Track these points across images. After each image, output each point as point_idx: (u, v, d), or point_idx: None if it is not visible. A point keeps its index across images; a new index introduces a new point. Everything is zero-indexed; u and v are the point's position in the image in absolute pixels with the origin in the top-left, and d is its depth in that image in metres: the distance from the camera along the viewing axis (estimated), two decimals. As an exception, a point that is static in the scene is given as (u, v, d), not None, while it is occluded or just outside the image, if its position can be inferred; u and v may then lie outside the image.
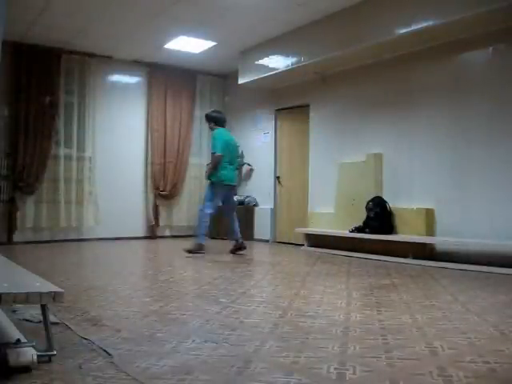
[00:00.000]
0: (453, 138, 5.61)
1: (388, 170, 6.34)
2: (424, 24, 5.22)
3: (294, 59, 6.93)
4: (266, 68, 7.45)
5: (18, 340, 2.09)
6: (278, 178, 8.24)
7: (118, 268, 5.34)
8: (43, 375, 1.92)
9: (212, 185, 6.06)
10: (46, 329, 2.11)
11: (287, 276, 4.73)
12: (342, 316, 2.98)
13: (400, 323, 2.82)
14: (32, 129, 7.47)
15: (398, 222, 6.02)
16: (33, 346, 2.05)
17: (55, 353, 2.08)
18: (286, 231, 7.91)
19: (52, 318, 2.41)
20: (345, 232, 6.40)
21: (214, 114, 6.41)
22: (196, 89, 9.11)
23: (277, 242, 8.06)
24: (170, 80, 8.75)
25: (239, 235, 6.24)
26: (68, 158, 7.87)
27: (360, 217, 6.24)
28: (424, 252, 5.61)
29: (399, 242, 5.74)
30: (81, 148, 8.00)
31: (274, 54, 7.33)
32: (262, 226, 8.19)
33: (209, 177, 6.09)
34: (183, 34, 7.14)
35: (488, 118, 5.28)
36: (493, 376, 1.99)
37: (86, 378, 1.90)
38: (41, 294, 2.04)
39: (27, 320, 2.71)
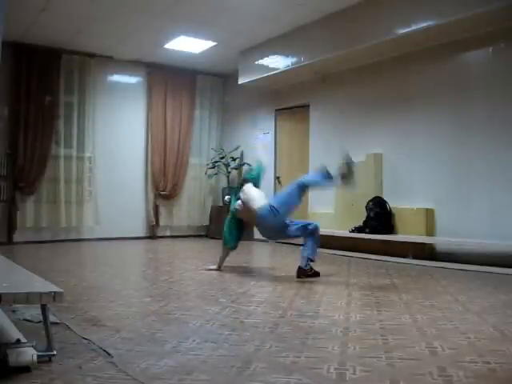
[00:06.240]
0: (453, 138, 5.61)
1: (388, 170, 6.33)
2: (424, 24, 5.22)
3: (293, 59, 6.93)
4: (265, 68, 7.45)
5: (18, 340, 2.09)
6: (277, 178, 8.24)
7: (118, 268, 5.33)
8: (43, 375, 1.92)
9: None
10: (46, 329, 2.11)
11: (287, 276, 4.73)
12: (342, 316, 2.98)
13: (400, 323, 2.82)
14: (32, 129, 7.47)
15: (398, 221, 6.02)
16: (33, 346, 2.06)
17: (55, 353, 2.09)
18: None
19: (52, 318, 2.41)
20: (345, 232, 6.40)
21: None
22: (196, 89, 9.11)
23: (277, 242, 8.05)
24: (169, 80, 8.76)
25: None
26: (68, 158, 7.88)
27: (360, 217, 6.24)
28: (424, 252, 5.61)
29: (399, 241, 5.74)
30: (81, 148, 8.00)
31: (273, 54, 7.33)
32: (261, 226, 8.16)
33: None
34: (183, 34, 7.14)
35: (488, 117, 5.28)
36: (493, 376, 1.99)
37: (86, 378, 1.90)
38: (41, 294, 2.04)
39: (27, 320, 2.71)
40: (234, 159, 8.75)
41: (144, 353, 2.22)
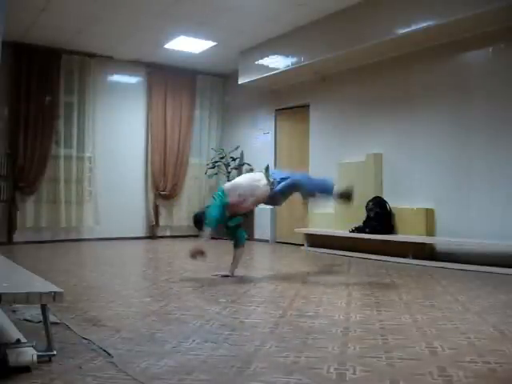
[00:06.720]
0: (453, 137, 5.61)
1: (388, 170, 6.33)
2: (424, 24, 5.22)
3: (293, 59, 6.93)
4: (265, 68, 7.45)
5: (18, 340, 2.09)
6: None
7: (118, 268, 5.33)
8: (43, 375, 1.92)
9: None
10: (46, 329, 2.11)
11: (287, 276, 4.73)
12: (342, 316, 2.98)
13: (400, 323, 2.81)
14: (32, 129, 7.47)
15: (398, 221, 6.02)
16: (33, 346, 2.05)
17: (55, 353, 2.08)
18: (286, 231, 7.91)
19: (52, 318, 2.41)
20: (345, 232, 6.40)
21: None
22: (196, 89, 9.11)
23: (277, 242, 8.06)
24: (169, 80, 8.76)
25: None
26: (68, 158, 7.88)
27: (360, 217, 6.24)
28: (424, 252, 5.61)
29: (399, 241, 5.74)
30: (81, 148, 8.00)
31: (273, 54, 7.33)
32: (262, 226, 8.18)
33: None
34: (183, 34, 7.14)
35: (488, 117, 5.28)
36: (493, 376, 1.99)
37: (86, 378, 1.90)
38: (41, 294, 2.04)
39: (27, 320, 2.71)
40: (233, 159, 8.75)
41: (144, 353, 2.22)
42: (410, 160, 6.08)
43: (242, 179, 4.53)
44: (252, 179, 4.47)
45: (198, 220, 4.47)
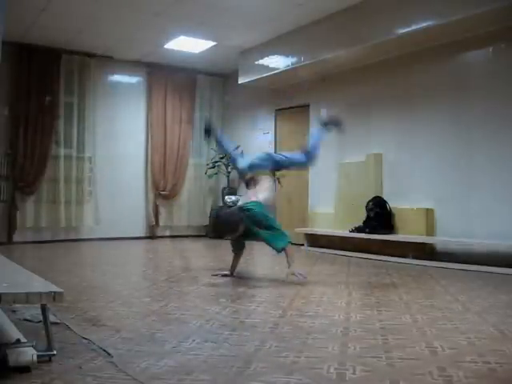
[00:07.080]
0: (453, 137, 5.61)
1: (388, 170, 6.33)
2: (424, 24, 5.22)
3: (293, 59, 6.93)
4: (265, 68, 7.45)
5: (18, 340, 2.09)
6: (277, 178, 8.22)
7: (118, 268, 5.33)
8: (43, 375, 1.92)
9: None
10: (46, 329, 2.11)
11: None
12: (341, 316, 2.97)
13: (400, 323, 2.81)
14: (32, 129, 7.47)
15: (398, 221, 6.02)
16: (33, 346, 2.05)
17: (55, 353, 2.08)
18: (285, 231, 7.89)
19: (52, 318, 2.40)
20: (345, 232, 6.40)
21: None
22: (196, 89, 9.11)
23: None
24: (170, 80, 8.76)
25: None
26: (68, 158, 7.88)
27: (360, 217, 6.24)
28: (424, 252, 5.61)
29: (399, 241, 5.74)
30: (81, 148, 8.00)
31: (273, 53, 7.33)
32: (262, 226, 8.16)
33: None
34: (183, 34, 7.14)
35: (488, 117, 5.28)
36: (493, 376, 1.99)
37: (86, 378, 1.90)
38: (41, 294, 2.04)
39: (27, 320, 2.71)
40: (234, 159, 8.74)
41: (144, 353, 2.22)
42: (410, 160, 6.08)
43: (264, 193, 4.28)
44: (270, 186, 4.40)
45: (231, 222, 4.05)
